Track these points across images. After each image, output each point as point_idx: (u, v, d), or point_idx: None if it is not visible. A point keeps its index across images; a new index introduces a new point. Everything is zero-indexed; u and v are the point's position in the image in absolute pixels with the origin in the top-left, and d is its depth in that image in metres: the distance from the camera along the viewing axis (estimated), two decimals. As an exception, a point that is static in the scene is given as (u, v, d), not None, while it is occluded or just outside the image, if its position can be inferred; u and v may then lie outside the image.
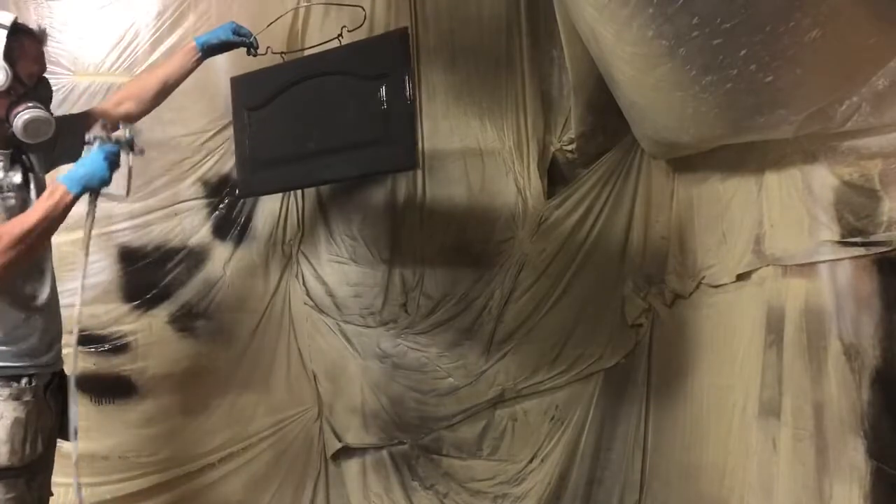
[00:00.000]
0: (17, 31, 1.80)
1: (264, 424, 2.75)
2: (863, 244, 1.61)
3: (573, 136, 2.64)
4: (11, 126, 1.77)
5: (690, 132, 2.04)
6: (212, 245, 2.70)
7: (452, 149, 2.70)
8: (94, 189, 1.77)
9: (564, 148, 2.70)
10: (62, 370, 1.94)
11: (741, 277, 2.12)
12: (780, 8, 1.35)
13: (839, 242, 1.67)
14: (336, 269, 2.77)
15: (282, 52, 2.36)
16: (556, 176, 2.74)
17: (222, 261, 2.72)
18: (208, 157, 2.66)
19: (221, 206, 2.72)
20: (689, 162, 2.41)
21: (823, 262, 1.73)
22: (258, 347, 2.75)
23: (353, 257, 2.76)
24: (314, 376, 2.79)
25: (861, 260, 1.62)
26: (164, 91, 2.15)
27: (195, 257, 2.70)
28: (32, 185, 1.91)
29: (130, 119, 2.08)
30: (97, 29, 2.56)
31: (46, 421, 1.85)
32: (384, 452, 2.77)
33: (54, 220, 1.74)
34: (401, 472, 2.77)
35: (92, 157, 1.77)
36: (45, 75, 1.94)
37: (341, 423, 2.78)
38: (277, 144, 2.34)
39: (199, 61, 2.15)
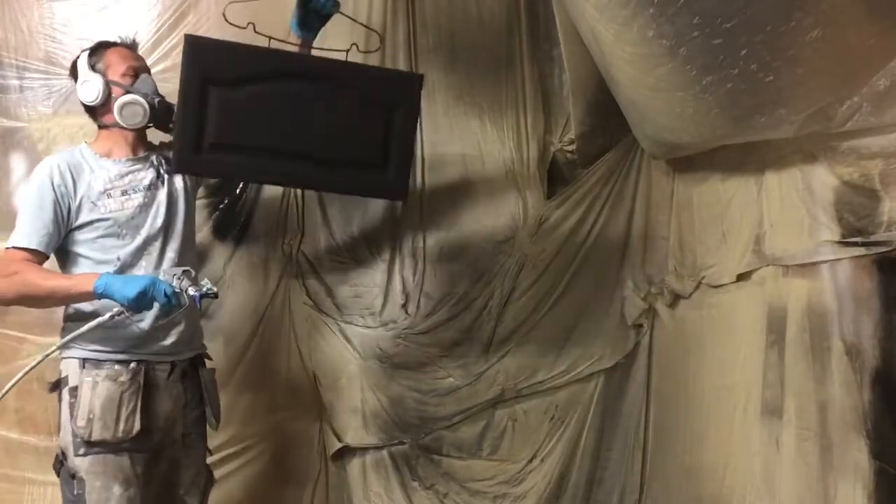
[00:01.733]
0: (97, 48, 2.05)
1: (264, 424, 2.75)
2: (863, 244, 1.61)
3: (573, 137, 2.64)
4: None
5: (691, 132, 2.04)
6: (212, 245, 2.70)
7: (452, 148, 2.70)
8: (113, 299, 1.80)
9: (565, 148, 2.70)
10: (202, 360, 2.15)
11: (741, 277, 2.12)
12: (780, 8, 1.35)
13: (839, 242, 1.68)
14: (336, 269, 2.77)
15: (267, 36, 2.24)
16: (556, 176, 2.74)
17: (222, 261, 2.72)
18: (208, 158, 2.65)
19: (221, 206, 2.72)
20: (689, 162, 2.41)
21: (824, 262, 1.73)
22: (258, 347, 2.75)
23: (353, 257, 2.76)
24: (314, 376, 2.79)
25: (861, 260, 1.62)
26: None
27: (195, 257, 2.69)
28: (164, 187, 2.08)
29: None
30: (98, 30, 2.56)
31: (161, 405, 1.98)
32: (384, 452, 2.77)
33: (65, 297, 1.88)
34: (401, 472, 2.76)
35: (140, 281, 1.80)
36: (45, 76, 2.01)
37: (341, 423, 2.78)
38: (243, 131, 2.15)
39: (307, 43, 2.18)
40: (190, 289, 1.81)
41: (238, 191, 2.68)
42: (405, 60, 2.66)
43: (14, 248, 1.90)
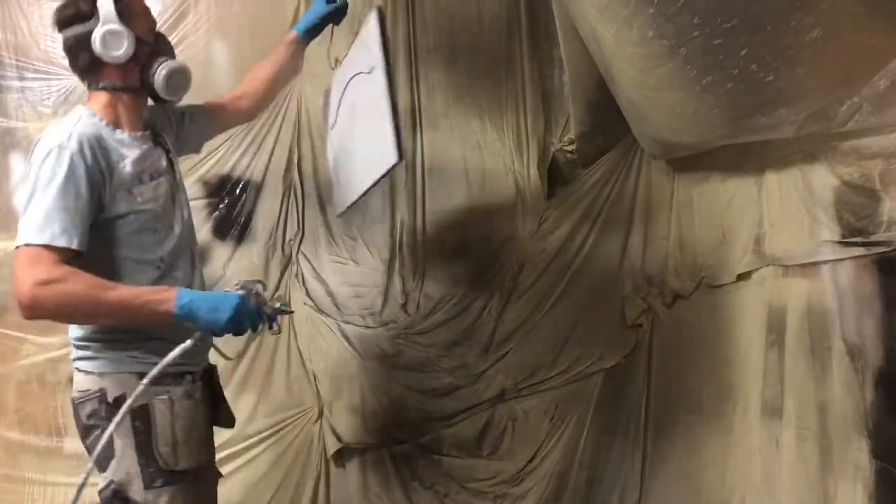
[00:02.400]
0: None
1: (264, 424, 2.75)
2: (863, 244, 1.61)
3: (573, 137, 2.64)
4: (153, 84, 1.73)
5: (691, 132, 2.04)
6: (212, 245, 2.70)
7: (452, 148, 2.70)
8: (195, 323, 1.56)
9: (565, 148, 2.70)
10: (210, 363, 1.88)
11: (741, 277, 2.12)
12: (780, 8, 1.36)
13: (839, 242, 1.68)
14: (336, 269, 2.77)
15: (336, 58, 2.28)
16: (556, 176, 2.74)
17: (222, 261, 2.72)
18: (208, 157, 2.66)
19: (221, 206, 2.72)
20: (689, 162, 2.41)
21: (824, 262, 1.73)
22: (258, 347, 2.75)
23: (353, 257, 2.76)
24: (314, 376, 2.79)
25: (862, 260, 1.62)
26: (275, 86, 2.13)
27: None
28: (176, 168, 1.83)
29: (244, 114, 2.10)
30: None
31: (207, 418, 1.78)
32: (384, 452, 2.77)
33: (130, 317, 1.57)
34: (401, 472, 2.76)
35: (230, 302, 1.57)
36: (45, 76, 1.93)
37: (341, 423, 2.77)
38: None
39: (303, 47, 2.15)
40: (265, 306, 1.62)
41: (238, 191, 2.69)
42: (405, 61, 2.66)
43: (44, 246, 1.50)
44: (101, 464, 1.63)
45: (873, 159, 1.60)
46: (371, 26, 1.95)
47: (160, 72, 1.72)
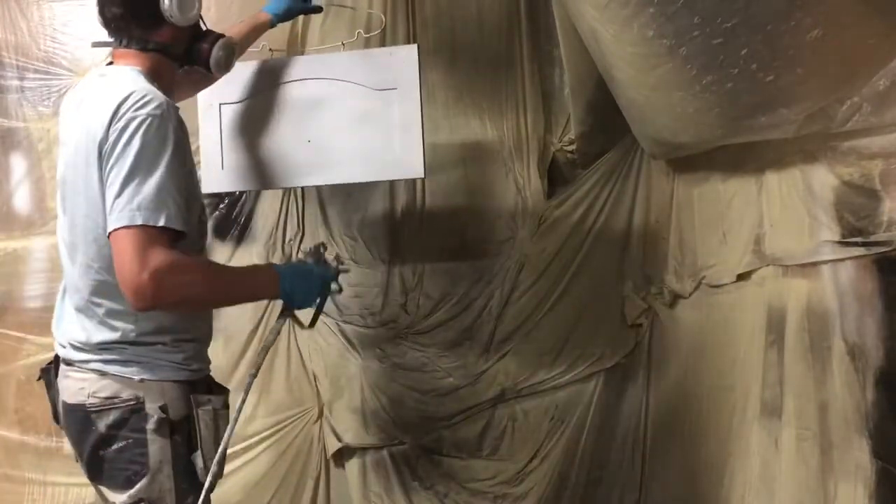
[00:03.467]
0: None
1: (264, 424, 2.75)
2: (863, 244, 1.62)
3: (573, 137, 2.64)
4: (207, 59, 1.67)
5: (691, 132, 2.04)
6: (212, 245, 2.70)
7: (452, 149, 2.70)
8: (293, 306, 1.60)
9: (565, 148, 2.70)
10: None
11: (741, 277, 2.12)
12: (780, 7, 1.36)
13: (839, 242, 1.68)
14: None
15: (271, 49, 2.36)
16: (556, 176, 2.73)
17: (222, 261, 2.72)
18: (208, 157, 2.65)
19: (221, 206, 2.72)
20: (689, 162, 2.41)
21: (824, 262, 1.73)
22: (258, 347, 2.75)
23: (353, 258, 2.75)
24: (314, 376, 2.79)
25: (862, 260, 1.62)
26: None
27: (195, 257, 2.69)
28: None
29: (197, 85, 2.05)
30: (98, 30, 2.55)
31: None
32: (384, 452, 2.77)
33: (243, 299, 1.60)
34: (401, 472, 2.76)
35: (316, 279, 1.60)
36: (45, 76, 1.89)
37: (341, 423, 2.78)
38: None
39: (266, 28, 2.15)
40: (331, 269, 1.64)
41: (238, 191, 2.69)
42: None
43: (159, 229, 1.39)
44: (128, 480, 1.51)
45: (873, 159, 1.60)
46: (406, 56, 2.18)
47: (219, 46, 1.68)
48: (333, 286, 1.69)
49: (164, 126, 1.43)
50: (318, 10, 2.31)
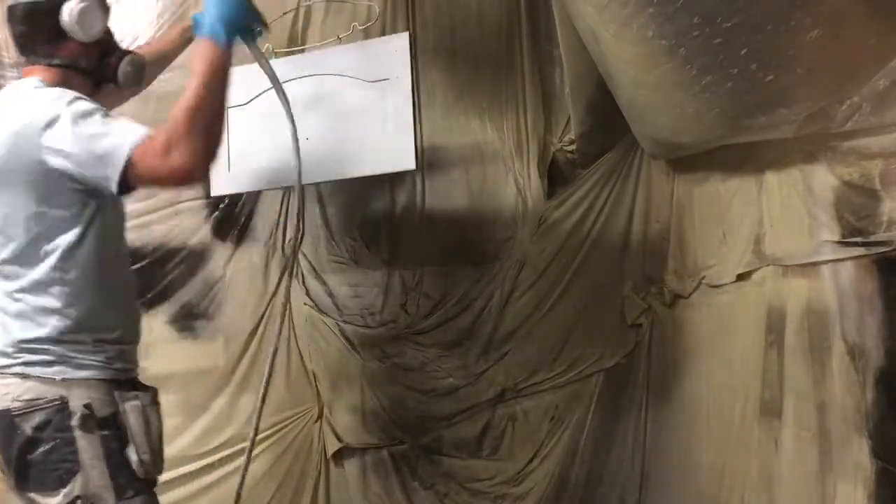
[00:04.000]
0: None
1: (264, 424, 2.75)
2: (863, 244, 1.61)
3: (573, 137, 2.64)
4: (115, 73, 1.70)
5: (691, 132, 2.04)
6: (212, 245, 2.70)
7: (452, 149, 2.70)
8: (241, 27, 1.62)
9: (565, 148, 2.70)
10: None
11: (741, 277, 2.12)
12: (780, 7, 1.36)
13: (839, 242, 1.67)
14: (336, 269, 2.77)
15: (274, 49, 2.36)
16: (556, 176, 2.74)
17: (222, 261, 2.72)
18: (208, 158, 2.65)
19: (221, 205, 2.72)
20: (689, 162, 2.41)
21: (824, 262, 1.73)
22: (258, 347, 2.75)
23: (353, 258, 2.76)
24: (314, 376, 2.79)
25: (862, 260, 1.62)
26: (158, 66, 2.08)
27: (195, 257, 2.70)
28: None
29: (125, 96, 2.01)
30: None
31: None
32: (384, 452, 2.77)
33: (215, 87, 1.56)
34: (401, 472, 2.76)
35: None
36: None
37: (341, 423, 2.78)
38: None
39: (191, 41, 2.08)
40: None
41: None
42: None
43: (144, 138, 1.50)
44: (60, 480, 1.53)
45: (873, 159, 1.59)
46: (399, 45, 2.13)
47: (127, 62, 1.71)
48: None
49: (68, 97, 1.53)
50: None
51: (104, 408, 1.56)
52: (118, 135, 1.50)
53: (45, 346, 1.56)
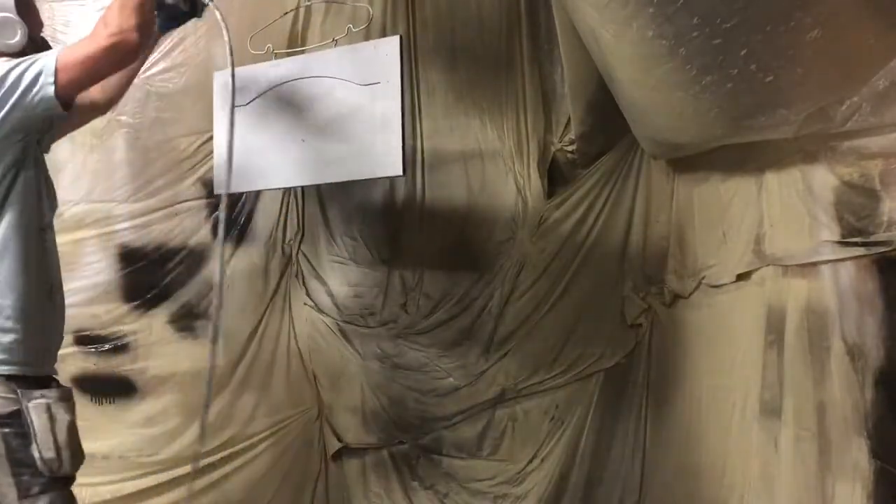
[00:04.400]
0: None
1: (264, 424, 2.75)
2: (863, 244, 1.61)
3: (574, 137, 2.63)
4: None
5: (691, 132, 2.04)
6: (212, 245, 2.70)
7: (452, 149, 2.70)
8: None
9: (565, 148, 2.70)
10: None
11: (741, 277, 2.12)
12: (780, 8, 1.36)
13: (839, 242, 1.67)
14: (336, 269, 2.77)
15: (274, 51, 2.37)
16: (556, 176, 2.74)
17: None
18: (208, 158, 2.66)
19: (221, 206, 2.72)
20: (689, 162, 2.41)
21: (824, 262, 1.73)
22: (258, 347, 2.75)
23: (353, 257, 2.76)
24: (314, 376, 2.79)
25: (862, 260, 1.62)
26: (133, 76, 2.07)
27: (195, 257, 2.70)
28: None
29: (101, 108, 2.04)
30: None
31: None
32: (384, 452, 2.77)
33: None
34: (401, 472, 2.77)
35: None
36: None
37: (341, 423, 2.78)
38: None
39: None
40: None
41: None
42: (406, 61, 2.65)
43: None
44: None
45: (873, 159, 1.59)
46: (389, 49, 2.12)
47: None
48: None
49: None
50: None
51: (5, 405, 1.56)
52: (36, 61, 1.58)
53: None
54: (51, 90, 1.58)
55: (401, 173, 2.11)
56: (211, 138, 2.64)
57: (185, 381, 2.68)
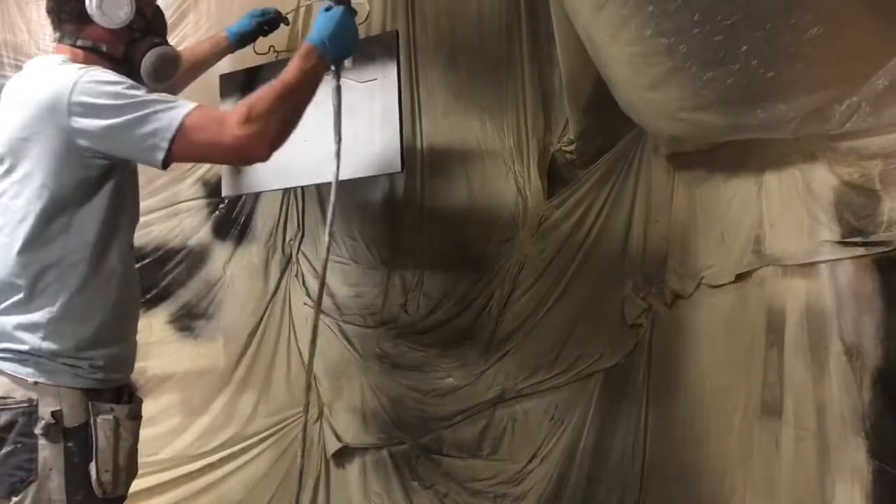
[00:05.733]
0: None
1: (264, 424, 2.75)
2: (863, 244, 1.61)
3: (573, 137, 2.63)
4: (138, 66, 1.61)
5: (689, 129, 2.04)
6: (212, 245, 2.70)
7: (452, 149, 2.70)
8: (343, 56, 1.71)
9: (564, 148, 2.69)
10: None
11: (741, 277, 2.12)
12: (781, 4, 1.36)
13: (839, 242, 1.67)
14: (336, 269, 2.77)
15: (276, 51, 2.38)
16: (556, 176, 2.73)
17: (222, 261, 2.72)
18: (208, 157, 2.65)
19: (221, 206, 2.72)
20: (689, 162, 2.40)
21: (824, 262, 1.73)
22: (258, 347, 2.75)
23: (353, 258, 2.76)
24: (314, 376, 2.79)
25: (861, 260, 1.62)
26: (192, 75, 2.10)
27: (195, 257, 2.70)
28: None
29: None
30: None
31: None
32: (384, 452, 2.77)
33: (308, 85, 1.62)
34: (401, 472, 2.76)
35: (338, 18, 1.65)
36: None
37: (341, 423, 2.78)
38: None
39: (230, 50, 2.17)
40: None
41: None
42: (405, 60, 2.65)
43: (197, 108, 1.51)
44: (13, 487, 1.44)
45: (873, 159, 1.59)
46: (384, 44, 2.13)
47: (150, 55, 1.62)
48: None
49: (103, 77, 1.48)
50: (279, 22, 2.31)
51: (74, 418, 1.47)
52: (163, 110, 1.48)
53: (25, 346, 1.49)
54: (159, 157, 1.48)
55: (400, 170, 2.11)
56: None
57: (184, 380, 2.68)
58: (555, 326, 2.68)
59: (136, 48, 1.63)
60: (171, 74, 1.68)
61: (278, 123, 1.55)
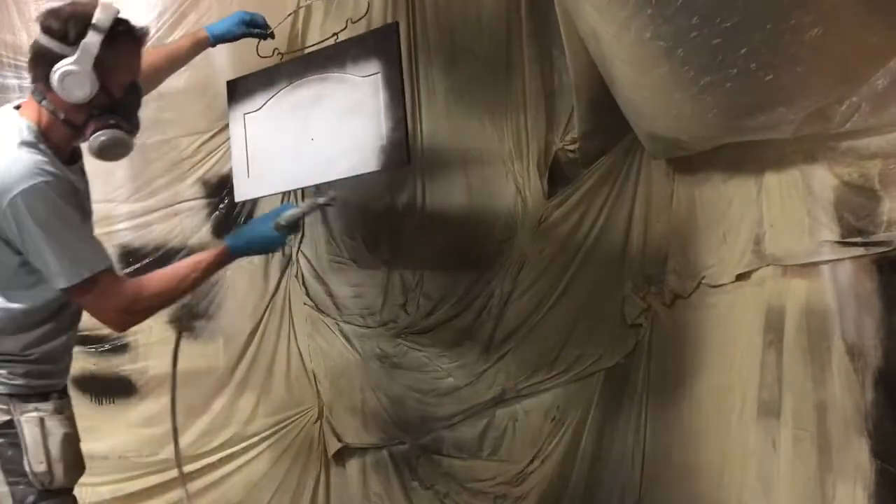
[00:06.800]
0: (116, 36, 1.59)
1: (264, 424, 2.75)
2: (863, 244, 1.61)
3: (575, 136, 2.63)
4: (87, 141, 1.64)
5: (689, 132, 2.04)
6: (212, 245, 2.69)
7: (452, 149, 2.69)
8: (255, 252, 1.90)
9: (566, 147, 2.69)
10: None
11: (741, 277, 2.12)
12: (780, 6, 1.36)
13: (839, 242, 1.67)
14: (336, 269, 2.77)
15: (280, 53, 2.38)
16: (556, 176, 2.73)
17: (224, 260, 2.71)
18: (208, 158, 2.66)
19: (221, 206, 2.72)
20: (689, 162, 2.40)
21: (824, 262, 1.72)
22: (258, 347, 2.75)
23: (353, 258, 2.76)
24: (314, 376, 2.79)
25: (861, 260, 1.62)
26: (168, 72, 2.12)
27: (195, 257, 2.69)
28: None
29: None
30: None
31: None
32: (384, 452, 2.77)
33: (204, 279, 1.76)
34: (401, 472, 2.76)
35: (271, 239, 1.83)
36: None
37: (341, 423, 2.78)
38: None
39: (204, 48, 2.17)
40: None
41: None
42: (405, 61, 2.65)
43: (102, 272, 1.60)
44: None
45: (873, 159, 1.59)
46: (384, 36, 2.12)
47: (96, 136, 1.63)
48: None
49: (42, 192, 1.53)
50: (265, 36, 2.31)
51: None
52: (68, 259, 1.56)
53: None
54: (61, 283, 1.57)
55: (407, 162, 2.10)
56: (211, 138, 2.64)
57: (184, 380, 2.67)
58: (555, 326, 2.68)
59: (88, 125, 1.65)
60: (117, 157, 1.70)
61: (151, 314, 1.72)
